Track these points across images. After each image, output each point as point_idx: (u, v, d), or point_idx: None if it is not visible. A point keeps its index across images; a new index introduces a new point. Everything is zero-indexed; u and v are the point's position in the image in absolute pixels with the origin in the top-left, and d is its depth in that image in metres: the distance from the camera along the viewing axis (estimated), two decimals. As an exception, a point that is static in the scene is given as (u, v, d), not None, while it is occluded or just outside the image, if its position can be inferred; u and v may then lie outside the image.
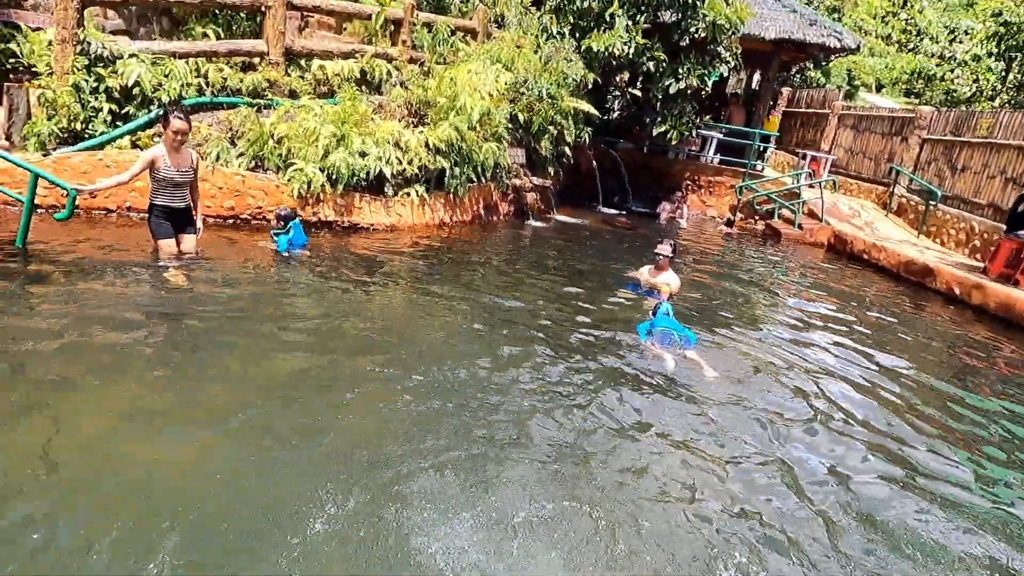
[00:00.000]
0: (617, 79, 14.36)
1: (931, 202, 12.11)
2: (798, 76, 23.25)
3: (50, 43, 7.22)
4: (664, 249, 6.96)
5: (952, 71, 25.11)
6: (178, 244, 5.73)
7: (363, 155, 7.74)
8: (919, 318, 8.00)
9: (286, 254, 6.48)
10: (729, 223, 13.30)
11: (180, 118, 5.25)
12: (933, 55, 27.57)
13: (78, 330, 4.12)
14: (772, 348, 5.87)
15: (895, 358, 6.12)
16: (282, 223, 6.57)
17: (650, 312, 5.74)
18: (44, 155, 6.80)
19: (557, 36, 11.63)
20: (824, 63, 20.53)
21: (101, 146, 7.08)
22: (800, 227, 12.38)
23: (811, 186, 13.83)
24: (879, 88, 27.89)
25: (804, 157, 15.99)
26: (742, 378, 5.05)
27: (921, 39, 28.96)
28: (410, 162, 8.10)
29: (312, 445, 3.32)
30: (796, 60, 16.92)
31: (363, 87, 9.15)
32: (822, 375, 5.37)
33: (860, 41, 14.78)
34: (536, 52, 10.74)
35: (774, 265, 10.18)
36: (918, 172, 13.44)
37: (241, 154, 7.59)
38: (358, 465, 3.19)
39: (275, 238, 6.55)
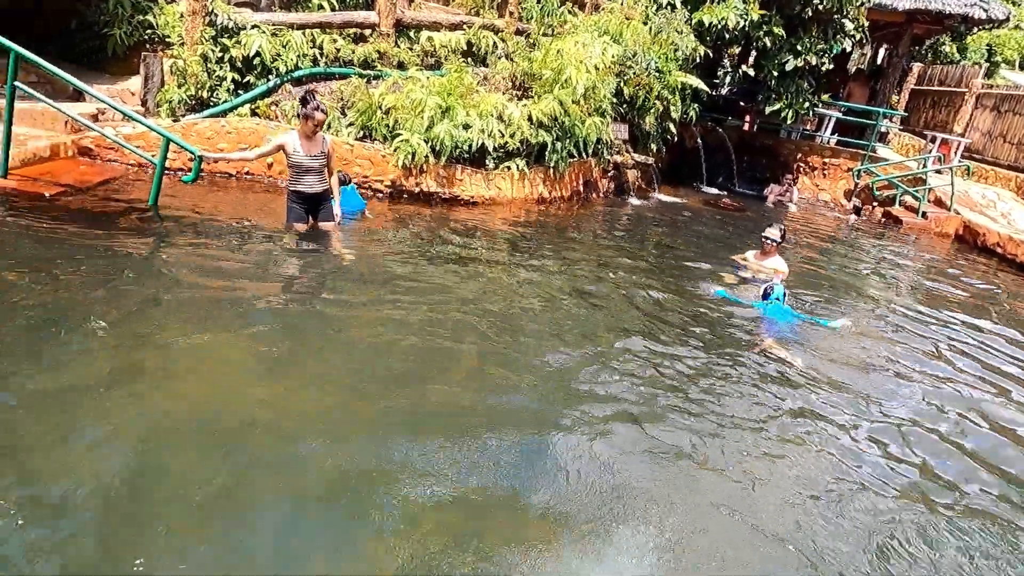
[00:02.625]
0: (728, 53, 13.68)
1: (1083, 193, 10.86)
2: (930, 51, 21.33)
3: (182, 15, 7.66)
4: (772, 233, 6.61)
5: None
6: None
7: (466, 127, 7.77)
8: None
9: (351, 216, 6.47)
10: (857, 211, 12.39)
11: (323, 111, 5.37)
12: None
13: (198, 284, 4.39)
14: (885, 349, 5.46)
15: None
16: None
17: (760, 295, 5.51)
18: (174, 121, 7.26)
19: (668, 7, 11.16)
20: (963, 37, 18.74)
21: (224, 113, 7.48)
22: (925, 216, 11.43)
23: (939, 171, 12.71)
24: (1024, 66, 25.14)
25: (933, 140, 14.70)
26: (848, 379, 4.72)
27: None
28: (512, 135, 8.06)
29: (406, 414, 3.39)
30: (931, 33, 15.48)
31: (469, 59, 9.18)
32: (939, 382, 4.94)
33: (1010, 11, 13.30)
34: (645, 24, 10.38)
35: (893, 256, 9.47)
36: (1069, 159, 12.06)
37: (351, 124, 7.81)
38: (446, 431, 3.24)
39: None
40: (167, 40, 7.90)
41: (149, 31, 8.22)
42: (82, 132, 6.72)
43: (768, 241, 6.63)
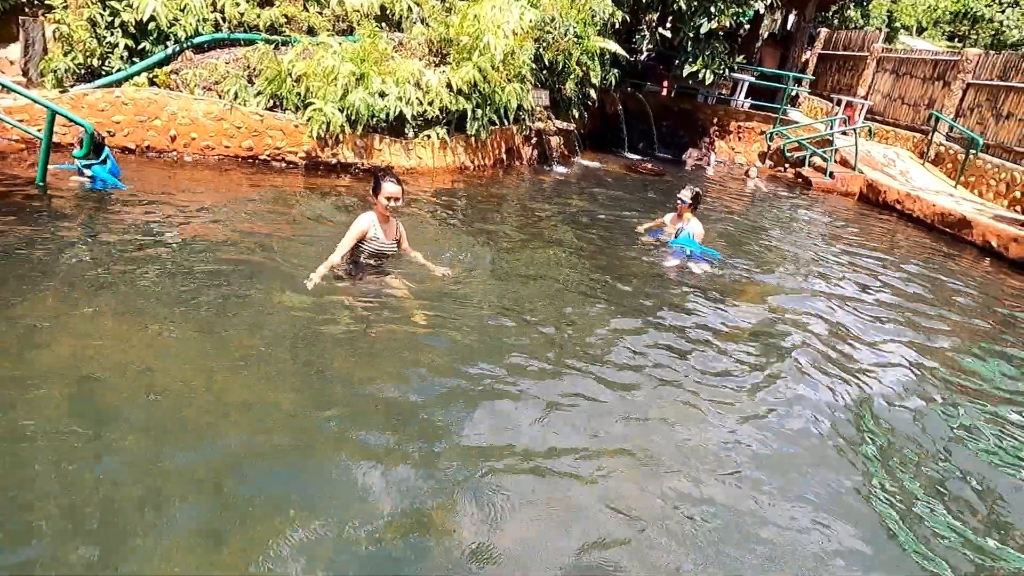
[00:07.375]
0: (646, 18, 13.79)
1: (971, 151, 11.61)
2: (836, 17, 22.18)
3: (64, -25, 7.04)
4: (684, 195, 6.77)
5: (1003, 11, 23.77)
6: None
7: (383, 95, 7.55)
8: (951, 269, 7.76)
9: (107, 188, 5.57)
10: (751, 171, 12.84)
11: (394, 181, 4.39)
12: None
13: (92, 263, 4.12)
14: (793, 296, 5.75)
15: (922, 308, 5.95)
16: (92, 151, 5.45)
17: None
18: (62, 92, 6.72)
19: (585, -29, 11.11)
20: (865, 3, 19.57)
21: (118, 83, 6.99)
22: (832, 175, 11.99)
23: (845, 133, 13.33)
24: (920, 31, 26.56)
25: (839, 103, 15.39)
26: (758, 324, 4.94)
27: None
28: (431, 103, 7.89)
29: (317, 381, 3.32)
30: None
31: (383, 24, 8.87)
32: (842, 323, 5.24)
33: (906, -22, 13.94)
34: (563, -12, 10.29)
35: (802, 214, 9.90)
36: (959, 119, 12.86)
37: (259, 93, 7.44)
38: (374, 402, 3.19)
39: (86, 170, 5.51)
40: (48, 3, 7.26)
41: (27, -7, 7.53)
42: (-46, 106, 6.14)
43: (680, 202, 6.78)
